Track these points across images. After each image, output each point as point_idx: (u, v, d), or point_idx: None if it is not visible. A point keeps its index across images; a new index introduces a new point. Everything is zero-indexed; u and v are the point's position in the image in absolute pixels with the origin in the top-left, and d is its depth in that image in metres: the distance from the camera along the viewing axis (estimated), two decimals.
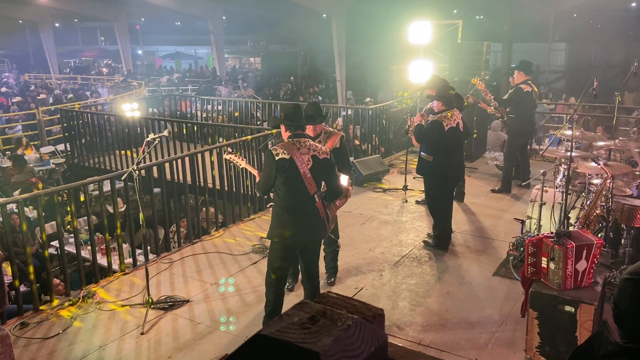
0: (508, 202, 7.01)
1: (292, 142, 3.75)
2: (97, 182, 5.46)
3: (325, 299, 0.68)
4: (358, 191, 7.61)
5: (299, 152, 3.68)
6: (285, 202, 3.75)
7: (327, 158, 3.82)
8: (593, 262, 3.53)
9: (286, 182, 3.70)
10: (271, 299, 3.92)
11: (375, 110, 9.75)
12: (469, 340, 3.92)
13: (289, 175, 3.68)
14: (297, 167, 3.66)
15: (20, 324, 4.32)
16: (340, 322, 0.60)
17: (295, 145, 3.72)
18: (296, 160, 3.66)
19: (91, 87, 21.56)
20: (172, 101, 13.60)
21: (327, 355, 0.57)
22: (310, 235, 3.88)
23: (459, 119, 5.32)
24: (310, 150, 3.74)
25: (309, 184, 3.71)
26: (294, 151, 3.67)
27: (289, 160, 3.65)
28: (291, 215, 3.75)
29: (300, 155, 3.68)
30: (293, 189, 3.71)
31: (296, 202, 3.74)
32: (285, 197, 3.74)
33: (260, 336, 0.62)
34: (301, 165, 3.67)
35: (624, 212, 4.32)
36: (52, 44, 26.52)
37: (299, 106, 3.92)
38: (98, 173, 8.91)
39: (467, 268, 5.12)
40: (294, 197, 3.72)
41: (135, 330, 4.17)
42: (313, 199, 3.76)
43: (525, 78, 7.05)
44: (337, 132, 4.65)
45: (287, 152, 3.66)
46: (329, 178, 3.87)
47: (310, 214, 3.78)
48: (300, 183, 3.69)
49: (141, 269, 4.96)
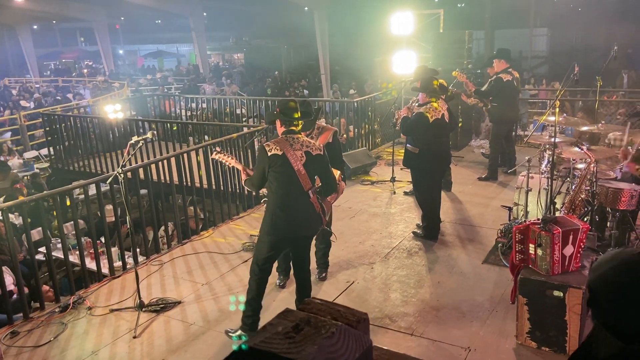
0: (495, 190, 7.07)
1: (285, 138, 3.75)
2: (82, 186, 5.40)
3: (309, 306, 0.68)
4: (346, 184, 7.61)
5: (292, 149, 3.69)
6: (278, 197, 3.75)
7: (320, 154, 3.82)
8: (580, 246, 3.58)
9: (279, 178, 3.71)
10: (253, 288, 3.93)
11: (360, 102, 9.74)
12: (460, 329, 3.96)
13: (281, 172, 3.69)
14: (290, 164, 3.67)
15: (10, 333, 4.27)
16: (324, 330, 0.60)
17: (288, 141, 3.72)
18: (289, 157, 3.66)
19: (73, 89, 21.26)
20: (156, 101, 13.47)
21: None
22: (304, 231, 3.91)
23: (444, 110, 5.33)
24: (304, 146, 3.74)
25: (303, 180, 3.71)
26: (286, 147, 3.68)
27: (282, 156, 3.66)
28: (284, 210, 3.75)
29: (293, 152, 3.68)
30: (286, 185, 3.72)
31: (289, 198, 3.74)
32: (278, 192, 3.75)
33: (246, 347, 0.62)
34: (294, 162, 3.67)
35: (609, 195, 4.37)
36: (31, 47, 26.08)
37: (294, 101, 3.91)
38: (83, 177, 8.83)
39: (457, 257, 5.16)
40: (287, 193, 3.73)
41: (127, 334, 4.15)
42: (307, 194, 3.77)
43: (506, 66, 7.09)
44: (330, 127, 4.66)
45: (279, 149, 3.67)
46: (323, 173, 3.89)
47: (304, 209, 3.79)
48: (293, 179, 3.70)
49: (131, 272, 4.93)
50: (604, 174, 4.82)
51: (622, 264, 1.34)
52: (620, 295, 1.31)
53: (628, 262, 1.34)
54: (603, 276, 1.35)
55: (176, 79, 24.15)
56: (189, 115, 12.81)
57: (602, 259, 1.41)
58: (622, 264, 1.34)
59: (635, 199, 4.34)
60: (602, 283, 1.35)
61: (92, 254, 5.64)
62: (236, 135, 6.75)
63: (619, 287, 1.32)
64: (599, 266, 1.40)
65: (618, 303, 1.32)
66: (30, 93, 20.58)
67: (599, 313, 1.36)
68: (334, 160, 4.37)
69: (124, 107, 10.93)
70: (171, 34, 34.16)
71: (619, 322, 1.31)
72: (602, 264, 1.39)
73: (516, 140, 8.58)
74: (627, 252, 1.38)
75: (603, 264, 1.39)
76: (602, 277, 1.35)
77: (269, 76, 22.81)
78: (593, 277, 1.39)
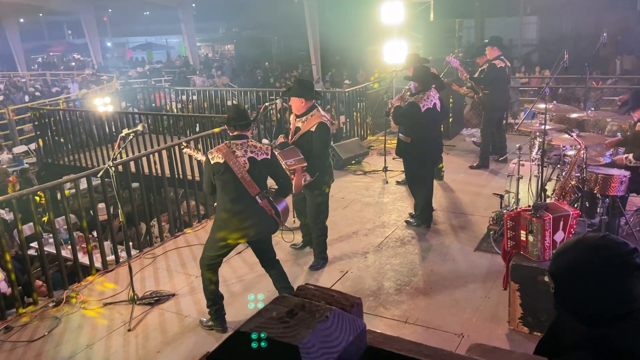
0: (487, 178, 7.11)
1: (228, 144, 3.76)
2: (73, 180, 5.37)
3: (303, 292, 0.68)
4: (339, 175, 7.61)
5: (234, 155, 3.70)
6: (226, 203, 3.78)
7: (267, 158, 3.83)
8: (570, 232, 3.62)
9: (223, 185, 3.75)
10: (208, 281, 3.98)
11: (351, 92, 9.72)
12: (454, 316, 4.00)
13: (225, 179, 3.73)
14: (232, 171, 3.69)
15: (4, 328, 4.26)
16: (319, 314, 0.61)
17: (231, 147, 3.73)
18: (231, 164, 3.69)
19: (61, 82, 21.03)
20: (146, 93, 13.36)
21: (306, 347, 0.57)
22: (254, 235, 3.88)
23: (436, 99, 5.33)
24: (248, 152, 3.75)
25: (249, 186, 3.73)
26: (228, 155, 3.70)
27: (223, 164, 3.69)
28: (231, 215, 3.78)
29: (236, 159, 3.70)
30: (230, 192, 3.75)
31: (233, 204, 3.77)
32: (223, 199, 3.79)
33: (240, 333, 0.62)
34: (237, 169, 3.69)
35: (599, 182, 4.41)
36: (18, 41, 25.71)
37: (241, 107, 3.97)
38: (73, 171, 8.75)
39: (450, 245, 5.19)
40: (231, 200, 3.76)
41: (122, 327, 4.15)
42: (255, 199, 3.78)
43: (499, 53, 7.09)
44: (318, 117, 4.53)
45: (221, 156, 3.69)
46: (274, 176, 3.94)
47: (251, 214, 3.80)
48: (237, 185, 3.73)
49: (124, 266, 4.92)
50: (594, 160, 4.86)
51: (587, 249, 1.36)
52: (586, 278, 1.33)
53: (593, 246, 1.36)
54: (567, 262, 1.37)
55: (167, 71, 23.94)
56: (179, 107, 12.73)
57: (563, 246, 1.42)
58: (586, 249, 1.36)
59: (624, 185, 4.38)
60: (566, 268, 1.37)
61: (84, 248, 5.62)
62: (218, 130, 6.68)
63: (585, 270, 1.34)
64: (560, 253, 1.41)
65: (583, 287, 1.33)
66: (18, 88, 20.33)
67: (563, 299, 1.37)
68: (307, 149, 4.42)
69: (113, 100, 10.84)
70: (160, 25, 33.75)
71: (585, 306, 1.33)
72: (564, 251, 1.40)
73: (507, 128, 8.62)
74: (590, 237, 1.40)
75: (566, 250, 1.40)
76: (566, 263, 1.37)
77: (259, 67, 22.68)
78: (556, 264, 1.40)
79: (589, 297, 1.33)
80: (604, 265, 1.32)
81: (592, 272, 1.33)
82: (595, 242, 1.36)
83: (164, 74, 22.52)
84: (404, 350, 0.63)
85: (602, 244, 1.35)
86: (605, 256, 1.33)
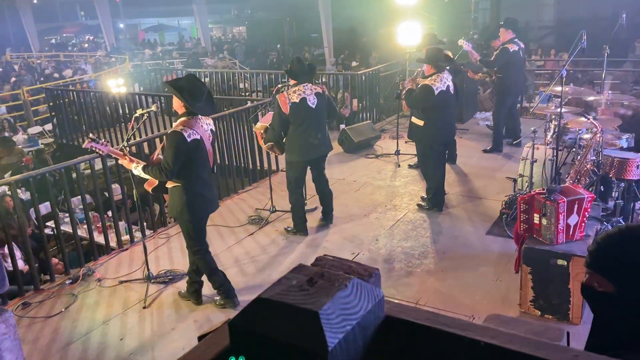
0: (500, 162, 7.06)
1: (194, 120, 3.74)
2: (88, 160, 5.42)
3: (322, 262, 0.70)
4: (350, 158, 7.63)
5: (203, 129, 3.77)
6: (196, 179, 3.79)
7: (212, 129, 3.97)
8: (584, 215, 3.60)
9: (196, 161, 3.74)
10: (203, 264, 4.05)
11: (366, 75, 9.65)
12: (465, 299, 4.02)
13: (199, 154, 3.75)
14: (205, 145, 3.76)
15: (22, 304, 4.36)
16: (338, 283, 0.62)
17: (198, 122, 3.76)
18: (204, 139, 3.76)
19: (74, 64, 21.12)
20: (159, 75, 13.39)
21: (326, 313, 0.59)
22: (215, 206, 4.07)
23: (449, 81, 5.28)
24: (208, 125, 3.86)
25: (211, 157, 3.88)
26: (200, 129, 3.74)
27: (200, 140, 3.72)
28: (202, 191, 3.83)
29: (204, 132, 3.78)
30: (202, 166, 3.81)
31: (203, 178, 3.83)
32: (193, 175, 3.78)
33: (262, 299, 0.64)
34: (207, 142, 3.79)
35: (614, 165, 4.36)
36: (31, 22, 25.80)
37: (203, 87, 3.79)
38: (88, 152, 8.83)
39: (461, 228, 5.19)
40: (201, 174, 3.81)
41: (137, 305, 4.23)
42: (212, 170, 3.95)
43: (512, 36, 6.97)
44: (281, 94, 4.84)
45: (197, 132, 3.70)
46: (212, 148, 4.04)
47: (212, 186, 3.96)
48: (205, 159, 3.82)
49: (139, 245, 4.99)
50: (610, 144, 4.80)
51: (628, 230, 1.33)
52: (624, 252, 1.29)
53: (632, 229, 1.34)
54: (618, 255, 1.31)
55: (180, 53, 23.90)
56: None
57: (608, 239, 1.36)
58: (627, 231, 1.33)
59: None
60: (620, 263, 1.30)
61: (99, 227, 5.71)
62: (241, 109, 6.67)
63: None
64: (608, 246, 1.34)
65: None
66: (31, 68, 20.46)
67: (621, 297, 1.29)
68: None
69: (126, 82, 10.88)
70: (172, 7, 33.62)
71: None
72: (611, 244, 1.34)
73: (521, 112, 8.51)
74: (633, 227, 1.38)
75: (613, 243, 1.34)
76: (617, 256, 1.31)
77: (271, 49, 22.56)
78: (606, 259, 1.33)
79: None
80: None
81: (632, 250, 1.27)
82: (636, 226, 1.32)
83: (177, 56, 22.47)
84: (422, 319, 0.64)
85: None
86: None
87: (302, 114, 4.83)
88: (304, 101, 4.81)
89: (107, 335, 3.90)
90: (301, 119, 4.84)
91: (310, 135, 4.89)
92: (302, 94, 4.81)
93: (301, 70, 4.91)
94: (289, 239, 5.19)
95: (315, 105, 4.86)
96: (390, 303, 0.67)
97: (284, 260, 4.79)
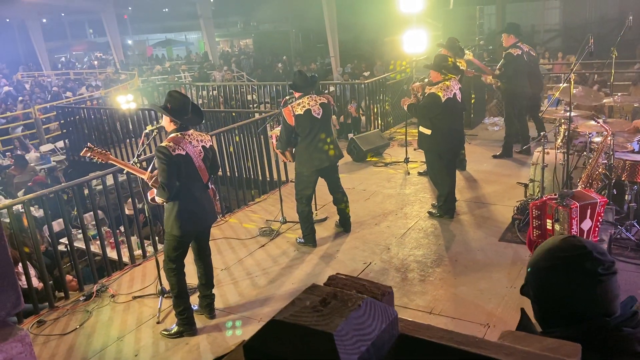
0: (510, 167, 7.01)
1: (181, 136, 3.75)
2: (100, 177, 5.48)
3: (334, 281, 0.70)
4: (360, 167, 7.63)
5: (192, 146, 3.76)
6: (184, 195, 3.78)
7: (212, 145, 3.97)
8: (597, 220, 3.56)
9: (183, 177, 3.73)
10: (176, 285, 3.96)
11: (371, 84, 9.68)
12: (478, 306, 3.98)
13: (186, 170, 3.74)
14: (192, 161, 3.75)
15: (37, 322, 4.40)
16: (351, 303, 0.62)
17: (186, 139, 3.76)
18: (191, 155, 3.74)
19: (84, 81, 21.41)
20: (167, 90, 13.51)
21: (340, 335, 0.59)
22: (208, 222, 4.04)
23: (456, 89, 5.27)
24: (200, 142, 3.84)
25: (203, 174, 3.85)
26: (187, 145, 3.73)
27: (186, 155, 3.71)
28: (190, 207, 3.80)
29: (193, 148, 3.77)
30: (190, 182, 3.78)
31: (193, 194, 3.80)
32: (185, 189, 3.77)
33: (275, 321, 0.64)
34: (196, 159, 3.77)
35: (627, 168, 4.32)
36: (41, 41, 26.22)
37: (188, 100, 3.88)
38: (100, 168, 8.91)
39: (474, 235, 5.16)
40: (191, 190, 3.79)
41: (151, 320, 4.24)
42: (207, 186, 3.92)
43: (515, 41, 6.96)
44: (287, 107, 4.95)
45: (182, 148, 3.70)
46: (214, 162, 4.04)
47: (205, 202, 3.91)
48: (195, 175, 3.80)
49: (151, 260, 5.01)
50: (621, 147, 4.75)
51: (544, 249, 1.36)
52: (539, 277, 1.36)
53: (548, 247, 1.36)
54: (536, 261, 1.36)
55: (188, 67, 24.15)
56: (200, 103, 12.86)
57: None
58: (543, 249, 1.36)
59: None
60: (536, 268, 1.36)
61: (112, 243, 5.74)
62: (249, 121, 6.69)
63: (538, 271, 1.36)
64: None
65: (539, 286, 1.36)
66: (43, 87, 20.77)
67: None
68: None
69: (135, 97, 11.00)
70: (179, 22, 34.08)
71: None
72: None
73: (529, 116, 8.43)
74: (555, 238, 1.40)
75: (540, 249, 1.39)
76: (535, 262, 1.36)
77: (278, 61, 22.72)
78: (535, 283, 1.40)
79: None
80: (548, 267, 1.32)
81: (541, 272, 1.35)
82: (552, 243, 1.35)
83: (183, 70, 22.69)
84: (436, 337, 0.64)
85: (556, 245, 1.33)
86: (551, 257, 1.32)
87: (308, 125, 4.86)
88: (309, 112, 4.85)
89: (121, 351, 3.91)
90: (308, 130, 4.88)
91: (317, 146, 4.92)
92: (307, 106, 4.85)
93: (304, 82, 4.97)
94: (300, 250, 5.19)
95: (321, 115, 4.90)
96: (404, 321, 0.67)
97: (295, 272, 4.79)
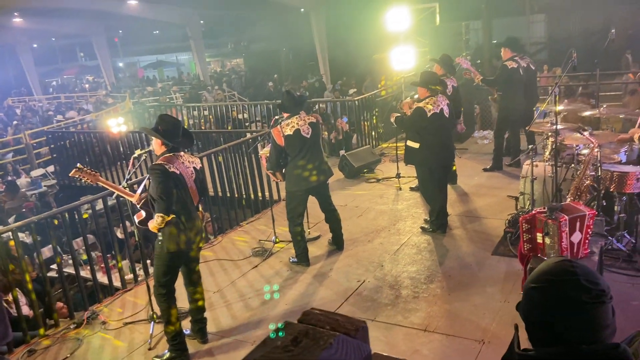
0: (501, 180, 7.04)
1: (174, 156, 3.77)
2: (90, 202, 5.44)
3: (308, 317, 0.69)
4: (352, 183, 7.64)
5: (184, 166, 3.78)
6: (177, 214, 3.74)
7: (202, 167, 4.01)
8: (587, 232, 3.57)
9: (176, 196, 3.70)
10: (167, 310, 3.89)
11: (361, 101, 9.74)
12: (473, 322, 3.96)
13: (179, 190, 3.72)
14: (185, 182, 3.76)
15: (27, 351, 4.32)
16: (323, 341, 0.62)
17: (179, 159, 3.78)
18: (184, 175, 3.75)
19: (75, 105, 21.40)
20: (159, 112, 13.52)
21: None
22: (197, 243, 3.98)
23: (444, 104, 5.32)
24: (191, 163, 3.86)
25: (194, 195, 3.86)
26: (180, 166, 3.74)
27: (179, 175, 3.72)
28: (183, 228, 3.77)
29: (186, 169, 3.78)
30: (183, 203, 3.76)
31: (186, 215, 3.79)
32: (176, 209, 3.73)
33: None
34: (188, 179, 3.78)
35: (614, 179, 4.35)
36: (32, 66, 26.29)
37: (179, 123, 3.91)
38: (90, 192, 8.87)
39: (466, 249, 5.15)
40: (183, 211, 3.77)
41: (142, 347, 4.18)
42: (197, 208, 3.93)
43: (512, 54, 7.04)
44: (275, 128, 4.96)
45: (176, 167, 3.71)
46: (204, 184, 4.04)
47: (195, 223, 3.89)
48: (187, 196, 3.80)
49: (142, 284, 4.96)
50: (608, 158, 4.79)
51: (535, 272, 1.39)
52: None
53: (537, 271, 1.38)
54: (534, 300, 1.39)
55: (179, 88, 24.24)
56: (191, 123, 12.88)
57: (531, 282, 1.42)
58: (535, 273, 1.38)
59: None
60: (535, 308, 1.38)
61: (103, 268, 5.68)
62: (241, 141, 6.68)
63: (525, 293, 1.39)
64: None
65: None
66: (34, 112, 20.73)
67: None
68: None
69: (126, 120, 10.99)
70: (169, 43, 34.29)
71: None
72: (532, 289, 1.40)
73: None
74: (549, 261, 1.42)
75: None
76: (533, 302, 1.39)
77: (269, 80, 22.85)
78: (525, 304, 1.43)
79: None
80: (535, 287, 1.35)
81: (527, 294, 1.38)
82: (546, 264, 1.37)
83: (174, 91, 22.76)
84: None
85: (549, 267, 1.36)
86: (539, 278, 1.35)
87: (297, 145, 4.87)
88: (298, 132, 4.86)
89: None
90: (297, 150, 4.88)
91: (307, 165, 4.93)
92: (296, 126, 4.87)
93: (292, 102, 4.99)
94: (293, 270, 5.16)
95: (310, 134, 4.92)
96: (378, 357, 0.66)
97: (289, 292, 4.75)
